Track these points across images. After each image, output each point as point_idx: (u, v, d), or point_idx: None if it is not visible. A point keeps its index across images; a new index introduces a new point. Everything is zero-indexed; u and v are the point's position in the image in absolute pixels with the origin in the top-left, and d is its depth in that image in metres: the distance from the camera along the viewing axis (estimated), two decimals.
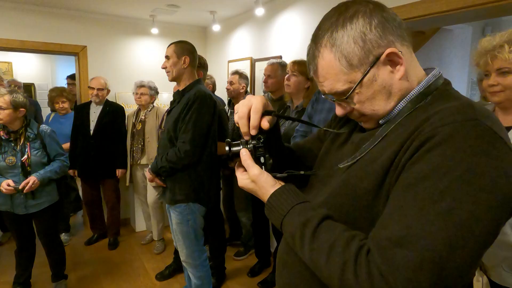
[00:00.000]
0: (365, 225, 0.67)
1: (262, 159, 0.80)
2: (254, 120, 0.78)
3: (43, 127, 2.41)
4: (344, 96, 0.73)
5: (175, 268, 2.93)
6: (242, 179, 0.80)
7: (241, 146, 0.80)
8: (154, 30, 3.84)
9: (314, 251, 0.65)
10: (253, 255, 3.18)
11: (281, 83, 2.66)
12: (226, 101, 3.55)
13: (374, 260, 0.57)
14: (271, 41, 3.26)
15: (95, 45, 3.78)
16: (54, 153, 2.40)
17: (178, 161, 1.98)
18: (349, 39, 0.68)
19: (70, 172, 3.30)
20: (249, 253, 3.31)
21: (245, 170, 0.79)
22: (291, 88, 2.18)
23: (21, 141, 2.30)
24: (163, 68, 2.12)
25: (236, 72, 3.06)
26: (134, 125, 3.34)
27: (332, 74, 0.71)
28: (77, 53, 3.71)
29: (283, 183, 0.77)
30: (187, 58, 2.08)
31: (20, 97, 2.25)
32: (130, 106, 3.88)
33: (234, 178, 3.18)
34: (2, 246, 3.42)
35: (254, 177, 0.77)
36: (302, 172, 0.86)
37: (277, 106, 2.58)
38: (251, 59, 3.50)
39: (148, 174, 2.20)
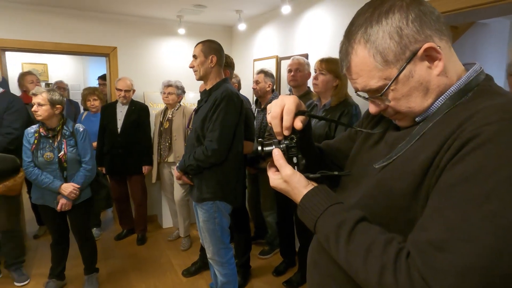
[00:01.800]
0: (402, 227, 0.65)
1: (294, 159, 0.79)
2: (287, 121, 0.77)
3: (78, 125, 2.51)
4: (378, 93, 0.71)
5: (201, 265, 2.97)
6: (274, 179, 0.79)
7: (274, 146, 0.80)
8: (181, 31, 3.90)
9: (350, 254, 0.64)
10: (278, 254, 3.17)
11: (306, 79, 2.65)
12: (251, 100, 3.56)
13: (415, 264, 0.55)
14: (297, 39, 3.23)
15: (124, 46, 3.89)
16: (83, 152, 2.48)
17: (205, 159, 2.01)
18: (384, 35, 0.66)
19: (99, 169, 3.42)
20: (274, 252, 3.31)
21: (277, 170, 0.79)
22: (319, 87, 2.15)
23: (58, 138, 2.40)
24: (190, 67, 2.15)
25: (261, 71, 3.07)
26: (161, 123, 3.40)
27: (366, 71, 0.69)
28: (108, 54, 3.83)
29: (315, 184, 0.76)
30: (214, 57, 2.09)
31: (56, 94, 2.36)
32: (157, 105, 3.97)
33: (260, 177, 3.18)
34: (39, 239, 3.59)
35: (286, 178, 0.76)
36: (336, 173, 0.84)
37: None
38: (276, 57, 3.49)
39: (175, 172, 2.24)
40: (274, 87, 3.46)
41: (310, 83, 2.66)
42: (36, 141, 2.38)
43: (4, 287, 2.72)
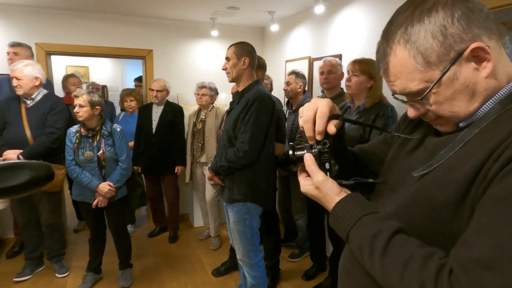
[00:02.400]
0: (443, 240, 0.61)
1: (327, 165, 0.77)
2: (320, 125, 0.75)
3: (115, 126, 2.61)
4: (418, 97, 0.66)
5: (231, 266, 2.99)
6: (306, 184, 0.77)
7: (305, 151, 0.77)
8: (214, 33, 3.95)
9: (386, 267, 0.60)
10: (308, 258, 3.12)
11: (339, 80, 2.59)
12: (283, 101, 3.53)
13: (459, 282, 0.51)
14: (330, 39, 3.17)
15: (160, 49, 4.01)
16: (120, 151, 2.58)
17: (237, 160, 2.01)
18: (426, 34, 0.62)
19: (135, 168, 3.54)
20: (304, 256, 3.26)
21: (309, 175, 0.76)
22: (352, 89, 2.09)
23: (97, 138, 2.52)
24: (223, 69, 2.16)
25: (292, 72, 3.04)
26: (194, 124, 3.46)
27: (405, 72, 0.65)
28: (144, 56, 3.96)
29: (349, 191, 0.73)
30: (247, 59, 2.10)
31: (96, 96, 2.47)
32: (190, 106, 4.04)
33: (291, 179, 3.15)
34: (78, 233, 3.78)
35: (318, 184, 0.74)
36: (371, 180, 0.80)
37: None
38: (309, 58, 3.44)
39: (207, 173, 2.27)
40: (306, 88, 3.41)
41: (343, 84, 2.60)
42: (77, 140, 2.51)
43: (47, 278, 2.88)
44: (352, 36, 2.87)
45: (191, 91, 3.87)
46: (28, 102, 2.67)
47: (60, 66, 6.11)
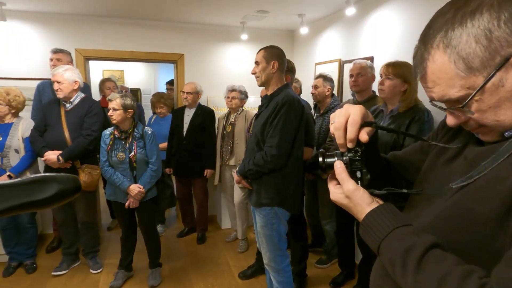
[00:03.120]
0: (483, 258, 0.57)
1: (358, 174, 0.74)
2: (351, 133, 0.72)
3: (147, 129, 2.69)
4: (459, 104, 0.62)
5: (257, 269, 2.98)
6: (335, 193, 0.75)
7: (336, 158, 0.75)
8: (244, 36, 3.98)
9: (419, 284, 0.57)
10: (336, 265, 3.06)
11: (369, 83, 2.52)
12: (312, 105, 3.49)
13: None
14: (361, 41, 3.09)
15: (191, 53, 4.09)
16: (150, 153, 2.65)
17: (265, 165, 2.01)
18: (469, 38, 0.58)
19: (167, 170, 3.63)
20: (331, 262, 3.19)
21: (339, 183, 0.74)
22: (385, 93, 2.02)
23: (130, 140, 2.61)
24: (252, 73, 2.17)
25: (320, 76, 3.00)
26: (224, 127, 3.50)
27: (444, 79, 0.62)
28: (176, 60, 4.06)
29: (381, 202, 0.70)
30: (276, 62, 2.09)
31: (128, 100, 2.56)
32: (220, 109, 4.09)
33: (318, 184, 3.10)
34: (111, 231, 3.92)
35: (348, 193, 0.71)
36: (405, 191, 0.76)
37: None
38: (339, 61, 3.38)
39: (235, 176, 2.28)
40: (335, 92, 3.36)
41: (375, 87, 2.53)
42: (111, 142, 2.61)
43: (82, 273, 3.01)
44: (384, 38, 2.79)
45: (221, 94, 3.92)
46: (67, 105, 2.81)
47: (98, 70, 6.39)
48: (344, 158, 0.74)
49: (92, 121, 2.80)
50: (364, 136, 0.72)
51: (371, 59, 2.86)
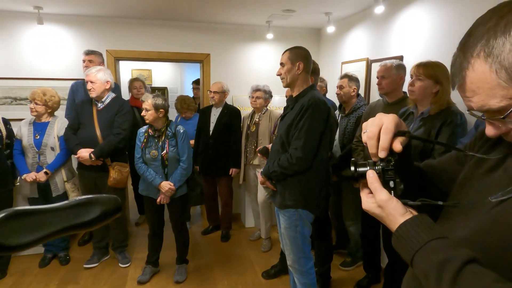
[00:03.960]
0: None
1: (391, 184, 0.73)
2: (384, 142, 0.71)
3: (179, 127, 2.75)
4: (500, 115, 0.60)
5: (281, 269, 2.99)
6: (368, 202, 0.74)
7: (368, 167, 0.74)
8: (269, 36, 3.97)
9: None
10: (361, 267, 3.01)
11: (396, 84, 2.44)
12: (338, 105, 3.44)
13: None
14: (390, 40, 3.01)
15: (216, 53, 4.14)
16: (182, 151, 2.71)
17: (290, 167, 2.00)
18: None
19: (195, 167, 3.70)
20: (356, 265, 3.15)
21: (371, 192, 0.73)
22: (415, 94, 1.96)
23: (162, 138, 2.69)
24: (278, 75, 2.16)
25: (345, 76, 2.94)
26: (248, 126, 3.51)
27: (485, 88, 0.59)
28: (202, 60, 4.11)
29: (414, 212, 0.69)
30: (301, 64, 2.07)
31: (160, 100, 2.63)
32: (245, 109, 4.11)
33: (343, 185, 3.06)
34: (139, 226, 4.04)
35: (381, 203, 0.70)
36: (440, 203, 0.74)
37: (394, 111, 2.37)
38: (367, 60, 3.31)
39: (260, 177, 2.28)
40: (362, 92, 3.29)
41: (406, 87, 2.46)
42: (145, 140, 2.71)
43: (111, 267, 3.13)
44: (414, 37, 2.70)
45: (245, 94, 3.94)
46: (99, 104, 2.92)
47: (127, 69, 6.58)
48: (376, 167, 0.74)
49: (122, 120, 2.89)
50: (397, 146, 0.71)
51: (401, 58, 2.78)
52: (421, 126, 1.93)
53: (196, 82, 4.75)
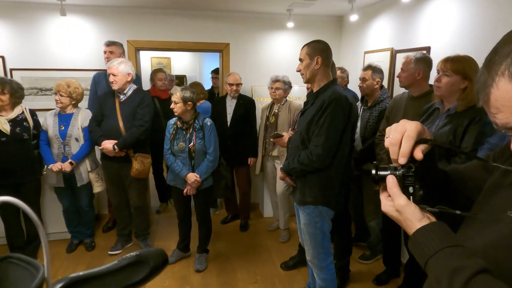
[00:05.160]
0: None
1: (410, 189, 0.74)
2: (405, 149, 0.72)
3: (207, 120, 2.77)
4: None
5: (299, 261, 3.02)
6: (386, 205, 0.76)
7: (389, 172, 0.76)
8: (290, 24, 3.89)
9: None
10: (380, 261, 3.00)
11: (413, 79, 2.35)
12: (359, 95, 3.36)
13: None
14: (417, 30, 2.88)
15: (236, 42, 4.09)
16: (208, 144, 2.75)
17: (310, 164, 1.99)
18: None
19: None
20: (375, 258, 3.14)
21: (391, 196, 0.75)
22: (441, 90, 1.88)
23: (190, 130, 2.73)
24: (297, 71, 2.13)
25: (368, 67, 2.85)
26: (267, 118, 3.50)
27: (508, 107, 0.58)
28: (221, 50, 4.09)
29: (432, 218, 0.71)
30: (319, 58, 2.02)
31: (188, 93, 2.66)
32: (264, 99, 4.08)
33: (364, 180, 3.03)
34: (160, 214, 4.15)
35: (399, 207, 0.72)
36: (458, 212, 0.75)
37: (418, 105, 2.30)
38: (391, 50, 3.19)
39: (279, 173, 2.28)
40: (386, 84, 3.20)
41: (432, 81, 2.37)
42: (174, 131, 2.77)
43: None
44: (443, 27, 2.57)
45: (265, 84, 3.90)
46: (121, 96, 2.96)
47: (147, 58, 6.64)
48: (397, 172, 0.75)
49: (144, 112, 2.93)
50: (418, 154, 0.72)
51: (428, 49, 2.67)
52: (447, 124, 1.86)
53: (215, 72, 4.74)
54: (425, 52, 2.60)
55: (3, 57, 3.63)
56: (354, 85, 3.50)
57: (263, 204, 4.12)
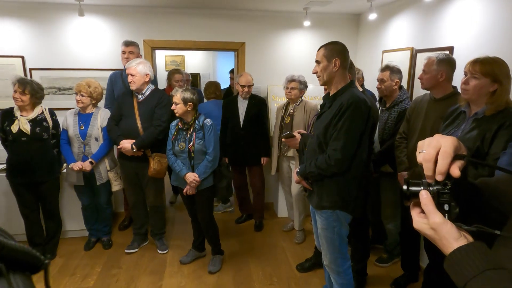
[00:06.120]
0: None
1: (446, 207, 0.70)
2: (442, 166, 0.68)
3: (207, 120, 2.76)
4: None
5: (315, 263, 2.99)
6: (420, 222, 0.72)
7: (422, 187, 0.72)
8: (306, 23, 3.84)
9: None
10: (397, 265, 2.96)
11: (435, 81, 2.27)
12: (377, 96, 3.30)
13: None
14: (440, 29, 2.80)
15: (252, 41, 4.06)
16: (208, 144, 2.73)
17: (328, 168, 1.95)
18: None
19: (224, 159, 3.73)
20: (392, 261, 3.09)
21: (422, 211, 0.71)
22: (469, 94, 1.81)
23: (190, 131, 2.72)
24: (313, 73, 2.08)
25: (386, 68, 2.78)
26: (282, 118, 3.47)
27: None
28: (237, 49, 4.06)
29: (469, 236, 0.67)
30: (338, 60, 1.97)
31: (188, 93, 2.66)
32: (280, 99, 4.05)
33: (381, 182, 2.97)
34: (175, 213, 4.18)
35: (435, 225, 0.68)
36: (497, 232, 0.71)
37: (441, 107, 2.24)
38: (411, 49, 3.12)
39: (295, 176, 2.24)
40: (405, 84, 3.13)
41: (456, 82, 2.31)
42: (175, 132, 2.77)
43: (150, 253, 3.27)
44: (467, 26, 2.49)
45: (280, 83, 3.86)
46: (139, 96, 2.98)
47: (161, 56, 6.66)
48: (431, 188, 0.71)
49: (161, 112, 2.94)
50: (456, 172, 0.68)
51: (451, 49, 2.59)
52: (474, 128, 1.81)
53: (233, 72, 4.72)
54: (447, 52, 2.52)
55: (23, 57, 3.69)
56: (372, 85, 3.43)
57: (278, 204, 4.11)
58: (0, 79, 3.68)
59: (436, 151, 0.69)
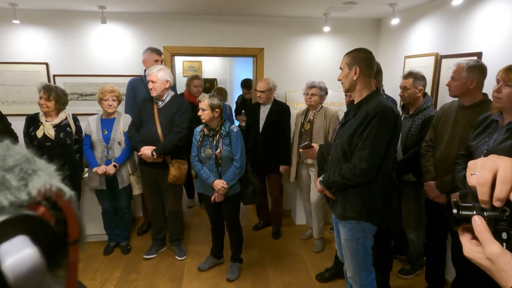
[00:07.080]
0: None
1: (504, 235, 0.64)
2: (502, 192, 0.62)
3: (233, 127, 2.75)
4: None
5: (335, 273, 2.93)
6: (473, 251, 0.66)
7: (475, 212, 0.66)
8: (326, 28, 3.79)
9: None
10: (421, 277, 2.87)
11: (465, 89, 2.19)
12: (399, 102, 3.22)
13: None
14: (466, 34, 2.71)
15: (271, 47, 4.05)
16: (235, 150, 2.72)
17: (353, 178, 1.90)
18: None
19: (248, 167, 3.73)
20: (415, 273, 2.99)
21: (475, 238, 0.65)
22: (502, 102, 1.74)
23: (217, 137, 2.71)
24: (338, 80, 2.06)
25: (409, 75, 2.69)
26: (302, 124, 3.43)
27: None
28: (256, 55, 4.06)
29: None
30: (357, 68, 1.93)
31: (216, 100, 2.65)
32: (298, 105, 4.01)
33: (403, 190, 2.89)
34: (194, 218, 4.18)
35: (492, 256, 0.62)
36: None
37: (470, 115, 2.16)
38: (436, 55, 3.03)
39: (318, 185, 2.20)
40: (429, 91, 3.05)
41: (487, 89, 2.22)
42: (201, 138, 2.76)
43: (168, 259, 3.27)
44: (496, 31, 2.40)
45: (299, 89, 3.83)
46: (160, 103, 3.00)
47: (178, 61, 6.72)
48: (486, 214, 0.65)
49: (181, 119, 2.96)
50: None
51: (479, 55, 2.50)
52: (508, 138, 1.73)
53: (245, 87, 4.70)
54: (475, 58, 2.44)
55: (47, 64, 3.78)
56: (393, 91, 3.36)
57: (296, 211, 4.05)
58: (25, 85, 3.78)
59: (492, 174, 0.63)
